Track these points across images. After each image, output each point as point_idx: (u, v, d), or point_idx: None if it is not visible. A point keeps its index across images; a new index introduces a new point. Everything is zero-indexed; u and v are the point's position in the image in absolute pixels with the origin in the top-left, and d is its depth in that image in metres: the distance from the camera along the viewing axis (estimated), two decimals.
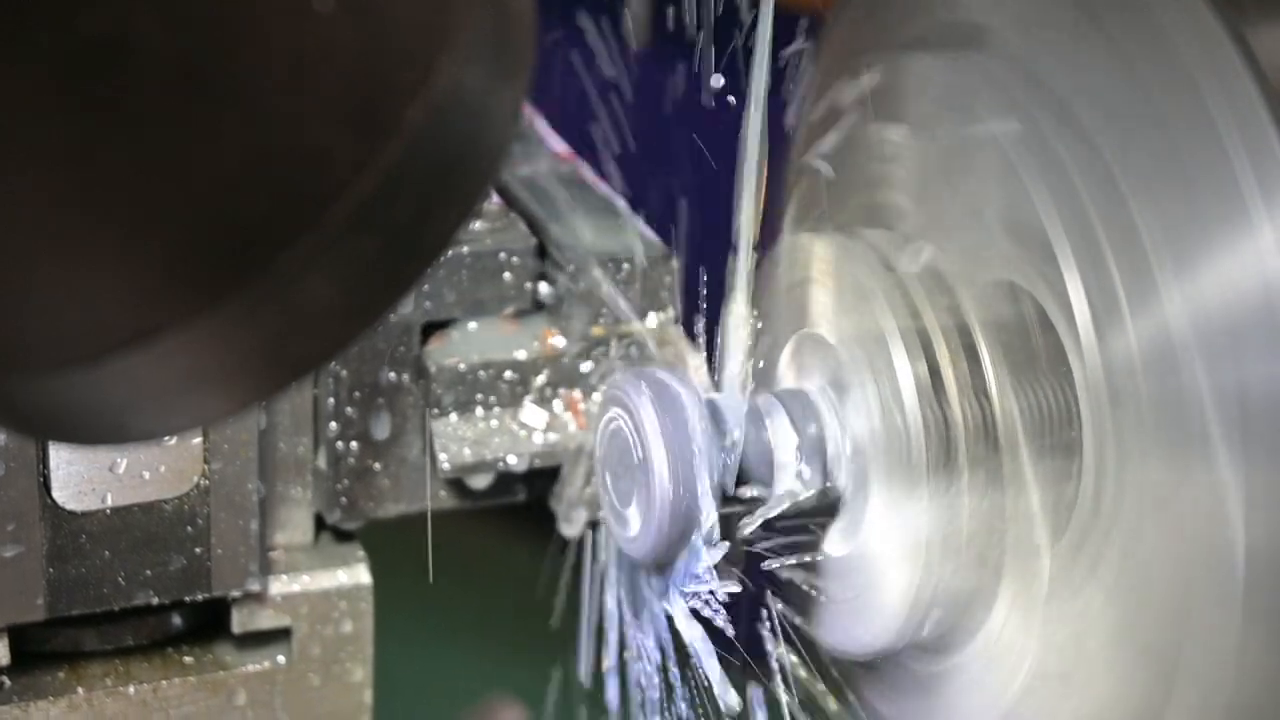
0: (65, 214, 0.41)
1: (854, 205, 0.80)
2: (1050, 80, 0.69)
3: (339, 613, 0.90)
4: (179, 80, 0.40)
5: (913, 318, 0.73)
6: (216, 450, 0.84)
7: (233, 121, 0.41)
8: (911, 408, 0.72)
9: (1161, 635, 0.66)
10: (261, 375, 0.45)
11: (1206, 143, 0.63)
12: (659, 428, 0.73)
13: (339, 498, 0.90)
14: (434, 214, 0.45)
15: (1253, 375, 0.62)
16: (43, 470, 0.81)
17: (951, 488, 0.72)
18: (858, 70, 0.80)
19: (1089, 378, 0.68)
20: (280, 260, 0.42)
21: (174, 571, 0.85)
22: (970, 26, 0.74)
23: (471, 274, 0.89)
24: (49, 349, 0.42)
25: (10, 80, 0.39)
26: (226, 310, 0.42)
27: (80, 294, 0.42)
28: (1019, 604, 0.72)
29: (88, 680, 0.87)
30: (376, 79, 0.42)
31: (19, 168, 0.40)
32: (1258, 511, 0.62)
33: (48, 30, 0.39)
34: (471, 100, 0.44)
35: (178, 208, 0.41)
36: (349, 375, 0.88)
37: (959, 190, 0.74)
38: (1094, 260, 0.67)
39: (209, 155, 0.41)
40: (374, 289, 0.45)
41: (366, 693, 0.92)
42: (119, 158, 0.40)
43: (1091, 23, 0.68)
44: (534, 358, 0.90)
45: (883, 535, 0.74)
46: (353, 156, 0.42)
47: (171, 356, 0.42)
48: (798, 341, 0.79)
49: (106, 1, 0.39)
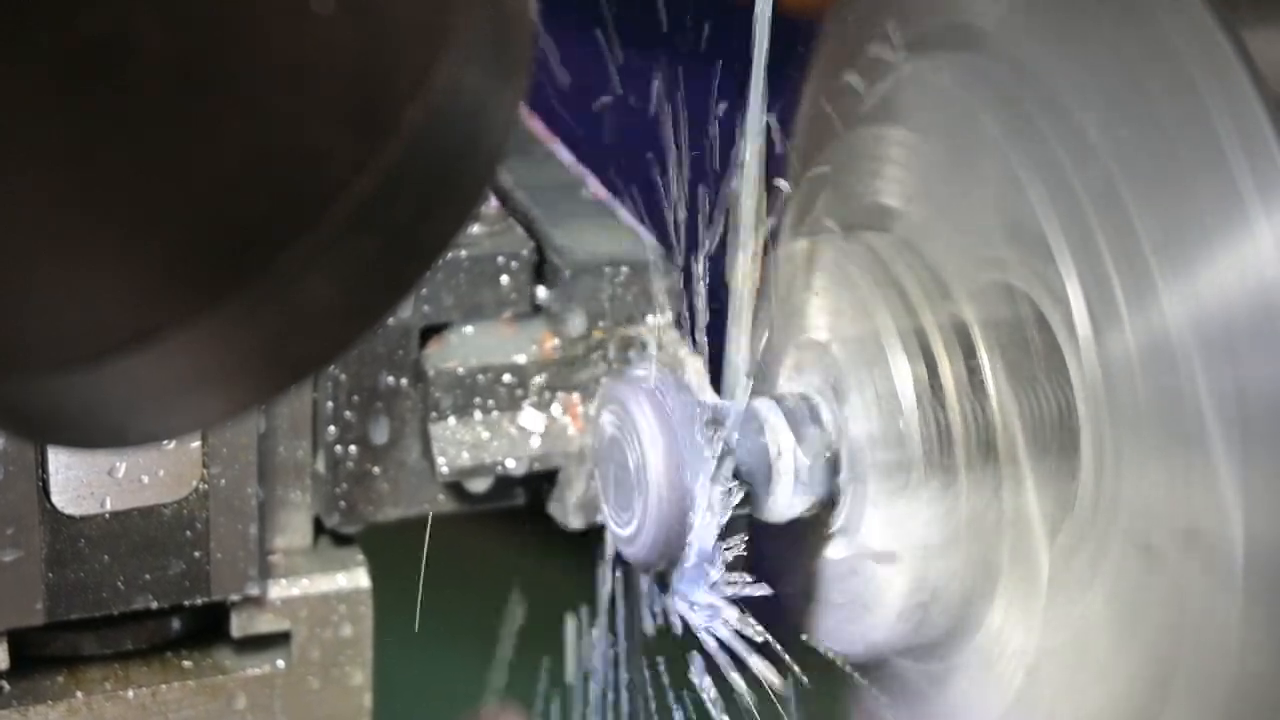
0: (65, 214, 0.41)
1: (851, 207, 0.81)
2: (1049, 82, 0.69)
3: (338, 616, 0.90)
4: (179, 80, 0.40)
5: (910, 319, 0.74)
6: (215, 454, 0.84)
7: (232, 121, 0.41)
8: (909, 409, 0.72)
9: (1160, 635, 0.66)
10: (262, 376, 0.45)
11: (1204, 144, 0.63)
12: (656, 431, 0.73)
13: (338, 501, 0.90)
14: (433, 214, 0.45)
15: (1250, 376, 0.62)
16: (42, 475, 0.81)
17: (949, 489, 0.72)
18: (855, 72, 0.81)
19: (1087, 379, 0.68)
20: (280, 260, 0.42)
21: (173, 576, 0.84)
22: (968, 29, 0.74)
23: (470, 278, 0.89)
24: (48, 349, 0.42)
25: (10, 80, 0.39)
26: (226, 310, 0.42)
27: (80, 294, 0.42)
28: (1017, 604, 0.72)
29: (87, 684, 0.87)
30: (376, 79, 0.42)
31: (19, 168, 0.40)
32: (1256, 511, 0.62)
33: (47, 30, 0.39)
34: (470, 100, 0.44)
35: (177, 208, 0.41)
36: (348, 379, 0.88)
37: (957, 192, 0.74)
38: (1092, 261, 0.67)
39: (209, 155, 0.41)
40: (374, 289, 0.45)
41: (366, 696, 0.92)
42: (119, 158, 0.40)
43: (1090, 25, 0.68)
44: (532, 361, 0.90)
45: (881, 536, 0.74)
46: (352, 157, 0.42)
47: (171, 357, 0.42)
48: (796, 343, 0.79)
49: (106, 1, 0.39)
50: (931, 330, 0.73)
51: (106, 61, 0.39)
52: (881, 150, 0.79)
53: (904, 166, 0.78)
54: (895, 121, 0.78)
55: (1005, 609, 0.72)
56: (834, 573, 0.77)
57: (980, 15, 0.74)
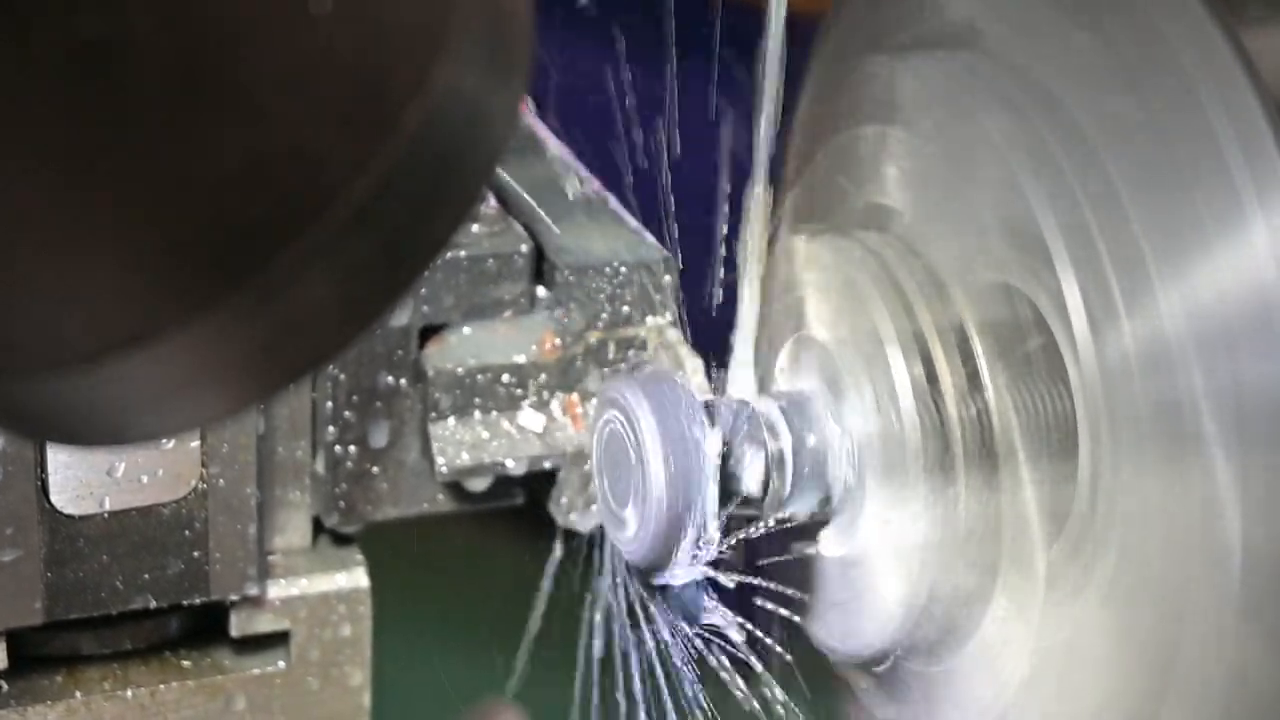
0: (62, 213, 0.41)
1: (849, 207, 0.81)
2: (1047, 82, 0.70)
3: (338, 616, 0.90)
4: (176, 81, 0.40)
5: (909, 319, 0.74)
6: (215, 454, 0.84)
7: (230, 121, 0.41)
8: (907, 409, 0.72)
9: (1158, 636, 0.66)
10: (259, 375, 0.45)
11: (1202, 144, 0.63)
12: (655, 430, 0.73)
13: (337, 501, 0.90)
14: (431, 215, 0.45)
15: (1248, 377, 0.62)
16: (41, 474, 0.81)
17: (947, 489, 0.72)
18: (854, 72, 0.81)
19: (1085, 379, 0.68)
20: (277, 260, 0.42)
21: (172, 575, 0.85)
22: (967, 28, 0.74)
23: (469, 278, 0.89)
24: (46, 350, 0.42)
25: (7, 80, 0.39)
26: (224, 310, 0.42)
27: (78, 294, 0.42)
28: (1015, 605, 0.72)
29: (86, 684, 0.87)
30: (374, 80, 0.42)
31: (16, 168, 0.40)
32: (1254, 512, 0.62)
33: (44, 30, 0.39)
34: (468, 101, 0.44)
35: (175, 208, 0.41)
36: (347, 379, 0.88)
37: (955, 192, 0.74)
38: (1090, 262, 0.67)
39: (206, 155, 0.41)
40: (372, 290, 0.45)
41: (365, 696, 0.92)
42: (116, 158, 0.40)
43: (1088, 25, 0.68)
44: (532, 361, 0.90)
45: (879, 536, 0.74)
46: (350, 157, 0.42)
47: (169, 357, 0.42)
48: (794, 344, 0.79)
49: (103, 2, 0.39)
50: (929, 330, 0.73)
51: (104, 62, 0.39)
52: (880, 150, 0.79)
53: (902, 167, 0.78)
54: (894, 121, 0.78)
55: (1003, 609, 0.72)
56: (831, 572, 0.77)
57: (979, 15, 0.74)
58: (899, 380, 0.73)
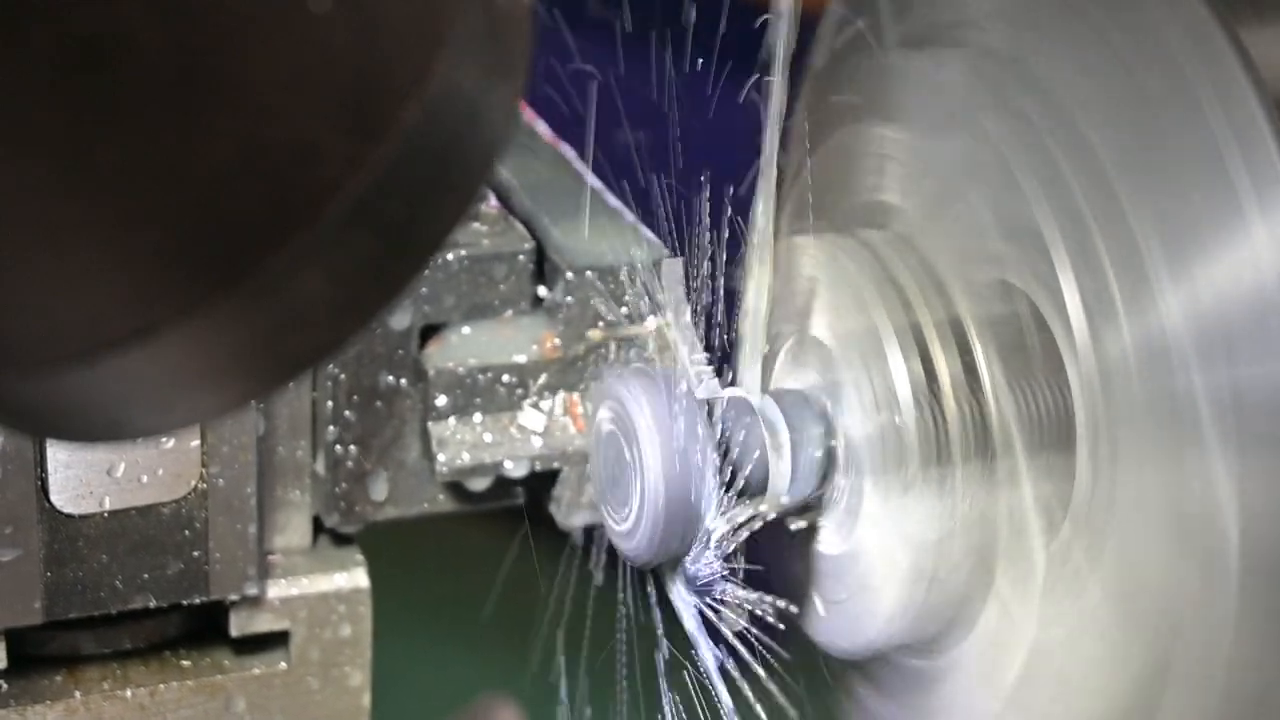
0: (60, 210, 0.41)
1: (849, 205, 0.81)
2: (1045, 80, 0.70)
3: (337, 616, 0.90)
4: (174, 77, 0.40)
5: (908, 316, 0.74)
6: (214, 454, 0.84)
7: (228, 118, 0.41)
8: (906, 406, 0.72)
9: (1156, 632, 0.66)
10: (257, 372, 0.45)
11: (1201, 143, 0.63)
12: (653, 428, 0.73)
13: (337, 501, 0.90)
14: (429, 212, 0.45)
15: (1247, 375, 0.62)
16: (40, 473, 0.81)
17: (946, 485, 0.72)
18: (854, 70, 0.81)
19: (1084, 377, 0.68)
20: (275, 257, 0.42)
21: (172, 575, 0.85)
22: (965, 27, 0.74)
23: (470, 277, 0.89)
24: (44, 346, 0.42)
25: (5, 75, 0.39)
26: (222, 307, 0.42)
27: (75, 290, 0.42)
28: (1014, 601, 0.72)
29: (85, 684, 0.87)
30: (372, 77, 0.42)
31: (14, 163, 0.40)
32: (1252, 510, 0.62)
33: (42, 26, 0.39)
34: (466, 99, 0.44)
35: (172, 204, 0.41)
36: (347, 379, 0.88)
37: (954, 190, 0.74)
38: (1089, 260, 0.67)
39: (204, 152, 0.41)
40: (369, 286, 0.45)
41: (365, 696, 0.92)
42: (114, 154, 0.40)
43: (1087, 24, 0.69)
44: (532, 361, 0.90)
45: (878, 533, 0.74)
46: (348, 154, 0.42)
47: (167, 353, 0.42)
48: (793, 341, 0.79)
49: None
50: (928, 327, 0.73)
51: (102, 58, 0.40)
52: (879, 148, 0.79)
53: (902, 164, 0.78)
54: (893, 119, 0.78)
55: (1002, 604, 0.72)
56: (831, 569, 0.77)
57: (978, 13, 0.74)
58: (898, 377, 0.73)
